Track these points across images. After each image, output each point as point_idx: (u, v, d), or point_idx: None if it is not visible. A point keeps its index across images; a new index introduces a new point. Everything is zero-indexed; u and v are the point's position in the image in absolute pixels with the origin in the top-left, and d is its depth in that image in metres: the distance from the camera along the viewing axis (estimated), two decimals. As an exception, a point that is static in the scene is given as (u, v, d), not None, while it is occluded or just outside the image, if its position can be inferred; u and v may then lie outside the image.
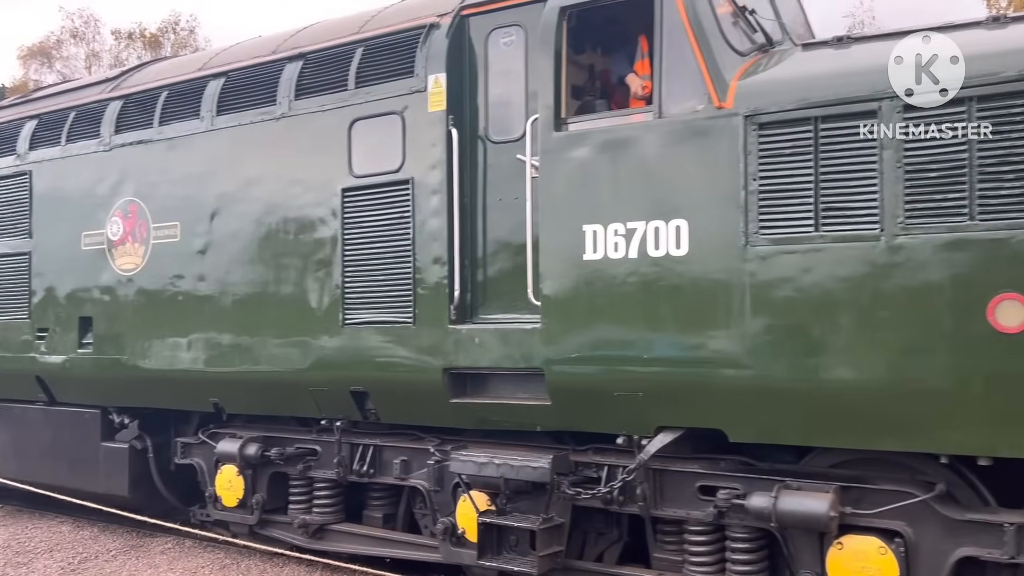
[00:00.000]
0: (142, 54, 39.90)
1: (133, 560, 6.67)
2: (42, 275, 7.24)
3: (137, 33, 41.44)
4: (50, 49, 41.17)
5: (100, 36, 42.01)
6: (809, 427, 4.22)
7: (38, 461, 7.51)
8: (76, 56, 41.39)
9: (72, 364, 6.98)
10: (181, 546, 6.99)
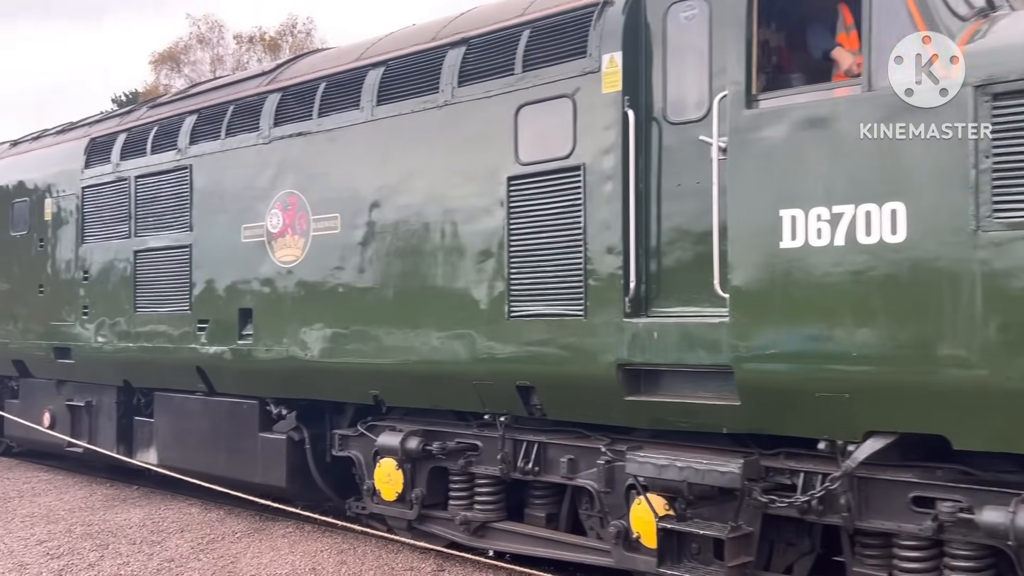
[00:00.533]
0: (262, 57, 41.27)
1: (257, 542, 6.89)
2: (202, 267, 7.39)
3: (257, 37, 43.07)
4: (178, 54, 43.15)
5: (224, 41, 43.82)
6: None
7: (197, 450, 7.69)
8: (202, 60, 43.22)
9: (232, 355, 7.09)
10: (301, 530, 7.17)
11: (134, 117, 8.65)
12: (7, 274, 9.58)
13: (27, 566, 6.37)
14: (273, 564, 6.32)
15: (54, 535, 7.24)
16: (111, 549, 6.81)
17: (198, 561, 6.44)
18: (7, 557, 6.62)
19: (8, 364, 9.68)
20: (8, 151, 10.48)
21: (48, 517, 7.90)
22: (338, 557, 6.42)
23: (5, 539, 7.17)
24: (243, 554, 6.58)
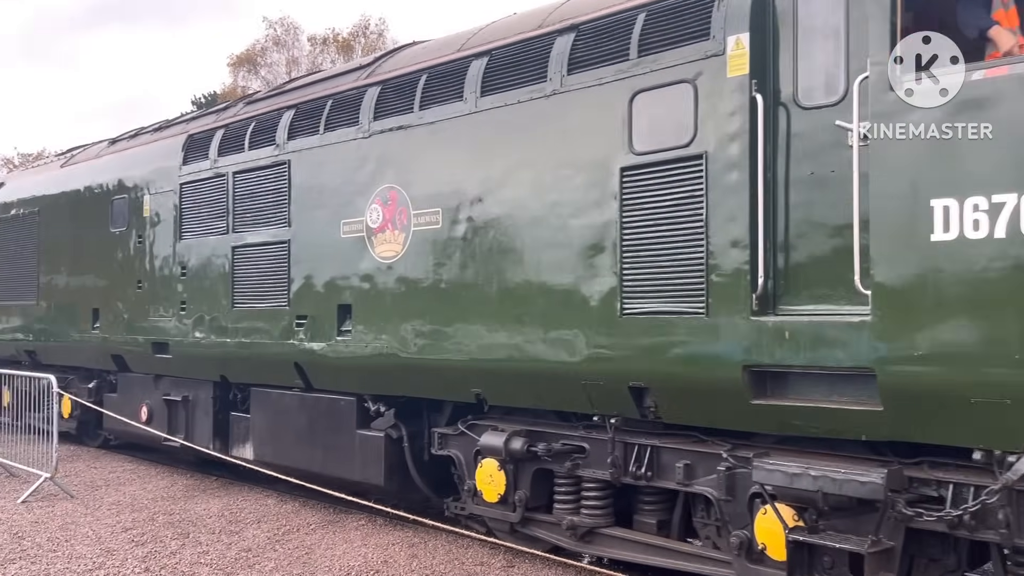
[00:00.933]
0: (335, 58, 41.85)
1: (330, 534, 6.98)
2: (301, 263, 7.35)
3: (331, 38, 43.68)
4: (255, 57, 44.04)
5: (299, 43, 44.57)
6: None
7: (294, 446, 7.67)
8: (278, 62, 44.07)
9: (330, 351, 7.03)
10: (373, 523, 7.26)
11: (231, 113, 8.70)
12: (107, 270, 9.78)
13: (114, 552, 6.57)
14: (346, 556, 6.38)
15: (138, 523, 7.46)
16: (191, 538, 6.98)
17: (274, 552, 6.55)
18: (96, 543, 6.83)
19: (107, 359, 9.87)
20: (107, 149, 10.71)
21: (133, 505, 8.14)
22: (409, 551, 6.47)
23: (93, 525, 7.38)
24: (317, 545, 6.69)
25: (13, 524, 7.42)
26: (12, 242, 11.68)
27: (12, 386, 10.96)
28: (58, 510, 7.95)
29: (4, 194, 12.14)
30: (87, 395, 10.58)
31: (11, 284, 11.61)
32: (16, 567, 6.21)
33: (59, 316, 10.61)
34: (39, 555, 6.51)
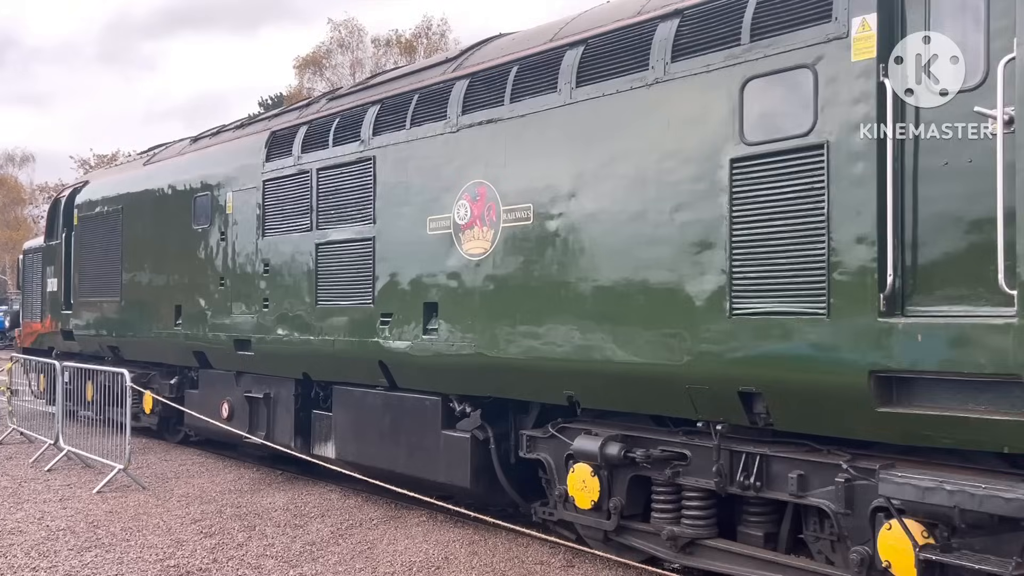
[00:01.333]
0: (398, 59, 42.15)
1: (392, 530, 7.07)
2: (386, 260, 7.24)
3: (394, 40, 44.03)
4: (320, 59, 44.65)
5: (363, 45, 45.06)
6: None
7: (377, 445, 7.57)
8: (342, 64, 44.65)
9: (416, 350, 6.90)
10: (434, 519, 7.36)
11: (314, 110, 8.65)
12: (189, 267, 9.85)
13: (184, 543, 6.71)
14: (408, 552, 6.44)
15: (207, 515, 7.61)
16: (258, 530, 7.08)
17: (337, 546, 6.62)
18: (166, 534, 6.99)
19: (189, 355, 9.95)
20: (189, 147, 10.80)
21: (201, 498, 8.31)
22: (469, 548, 6.50)
23: (164, 516, 7.56)
24: (379, 541, 6.75)
25: (89, 513, 7.64)
26: (96, 239, 11.89)
27: (95, 381, 11.21)
28: (131, 501, 8.16)
29: (88, 192, 12.37)
30: (168, 391, 10.70)
31: (95, 281, 11.82)
32: (92, 554, 6.39)
33: (142, 312, 10.75)
34: (113, 543, 6.69)
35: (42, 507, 7.87)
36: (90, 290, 11.98)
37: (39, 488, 8.70)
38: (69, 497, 8.28)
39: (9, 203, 56.38)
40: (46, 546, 6.62)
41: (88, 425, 10.46)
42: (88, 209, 12.21)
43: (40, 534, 6.96)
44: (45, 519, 7.43)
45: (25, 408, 12.21)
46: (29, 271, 14.47)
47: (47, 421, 11.21)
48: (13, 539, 6.81)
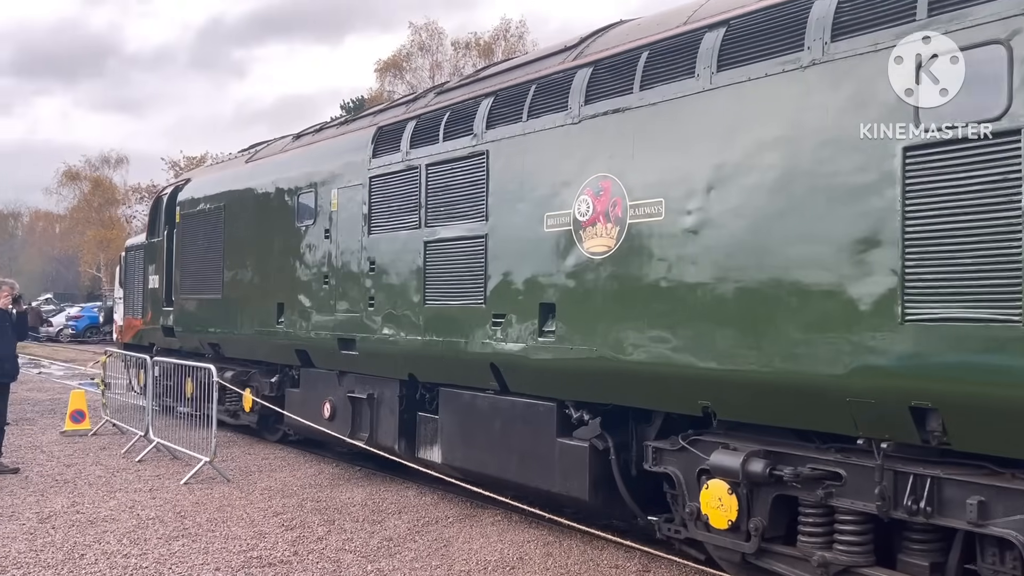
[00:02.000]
0: (476, 61, 42.16)
1: (467, 528, 7.15)
2: (499, 259, 6.93)
3: (472, 42, 44.02)
4: (401, 62, 45.01)
5: (442, 47, 45.24)
6: None
7: (486, 451, 7.26)
8: (422, 67, 44.93)
9: (530, 352, 6.56)
10: (508, 519, 7.41)
11: (422, 104, 8.42)
12: (292, 265, 9.75)
13: (266, 535, 6.87)
14: (483, 551, 6.49)
15: (288, 508, 7.79)
16: (337, 525, 7.20)
17: (414, 542, 6.72)
18: (249, 525, 7.16)
19: (291, 353, 9.85)
20: (291, 144, 10.74)
21: (283, 491, 8.49)
22: (544, 549, 6.54)
23: (247, 509, 7.75)
24: (455, 539, 6.82)
25: (177, 503, 7.89)
26: (198, 237, 11.96)
27: (195, 378, 11.28)
28: (216, 492, 8.36)
29: (190, 190, 12.47)
30: (268, 389, 10.65)
31: (196, 278, 11.89)
32: (179, 543, 6.59)
33: (243, 310, 10.73)
34: (199, 534, 6.88)
35: (133, 496, 8.14)
36: (191, 287, 12.06)
37: (130, 478, 8.99)
38: (158, 487, 8.53)
39: (104, 203, 58.52)
40: (137, 534, 6.83)
41: (177, 419, 10.90)
42: (190, 207, 12.31)
43: (131, 522, 7.18)
44: (136, 508, 7.68)
45: (118, 401, 12.58)
46: (131, 268, 14.73)
47: (138, 414, 11.54)
48: (107, 526, 7.05)
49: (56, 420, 12.88)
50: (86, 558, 6.21)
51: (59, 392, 16.53)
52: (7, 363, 9.33)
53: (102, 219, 57.36)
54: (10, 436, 10.02)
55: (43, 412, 14.00)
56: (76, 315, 40.22)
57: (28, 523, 7.12)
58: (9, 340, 9.38)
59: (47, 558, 6.19)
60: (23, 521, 7.18)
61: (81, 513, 7.46)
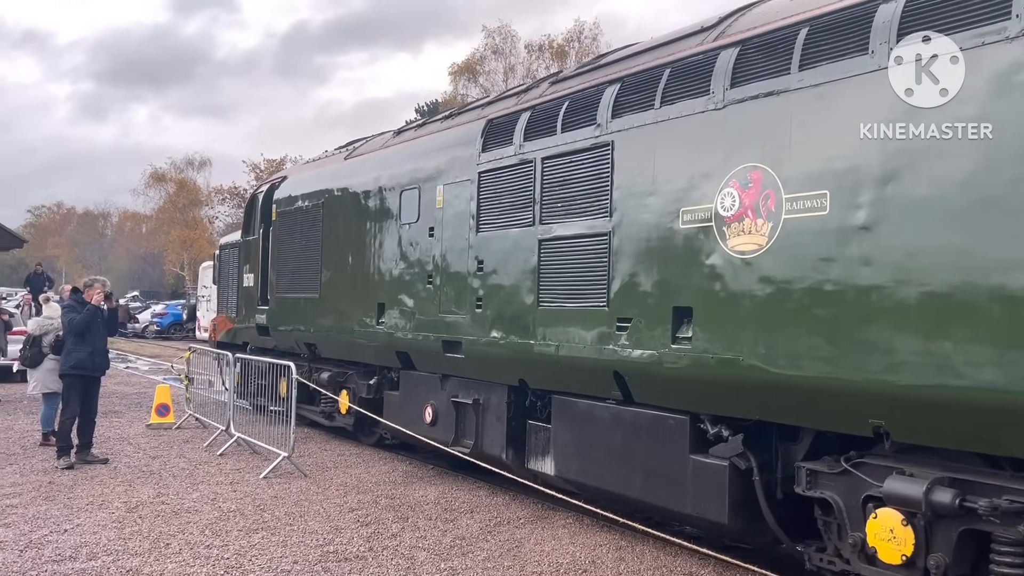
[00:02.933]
0: (550, 64, 41.73)
1: (539, 530, 7.10)
2: (624, 258, 6.41)
3: (546, 45, 43.57)
4: (474, 65, 44.91)
5: (515, 50, 44.99)
6: None
7: (605, 466, 6.75)
8: (495, 70, 44.79)
9: (662, 360, 6.02)
10: (580, 522, 7.33)
11: (535, 95, 7.97)
12: (394, 264, 9.42)
13: (342, 530, 6.93)
14: (555, 553, 6.45)
15: (363, 504, 7.84)
16: (410, 522, 7.25)
17: (486, 542, 6.70)
18: (326, 520, 7.24)
19: (391, 355, 9.51)
20: (392, 141, 10.43)
21: (358, 487, 8.55)
22: (616, 553, 6.44)
23: (323, 504, 7.82)
24: (526, 540, 6.80)
25: (256, 497, 8.00)
26: (295, 235, 11.76)
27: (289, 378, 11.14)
28: (293, 487, 8.47)
29: (287, 188, 12.30)
30: (366, 391, 10.35)
31: (293, 277, 11.69)
32: (259, 536, 6.70)
33: (341, 310, 10.45)
34: (278, 527, 6.98)
35: (215, 489, 8.30)
36: (288, 286, 11.87)
37: (212, 471, 9.14)
38: (238, 481, 8.67)
39: (188, 204, 60.08)
40: (218, 525, 6.97)
41: (258, 415, 11.11)
42: (287, 205, 12.13)
43: (213, 514, 7.33)
44: (218, 500, 7.84)
45: (201, 396, 12.83)
46: (225, 266, 14.69)
47: (220, 409, 11.68)
48: (190, 517, 7.22)
49: (142, 413, 13.18)
50: (171, 547, 6.37)
51: (145, 386, 16.98)
52: (99, 357, 9.55)
53: (186, 219, 58.92)
54: (99, 428, 10.35)
55: (130, 405, 14.34)
56: (161, 312, 41.25)
57: (117, 512, 7.34)
58: (101, 335, 9.60)
59: (135, 546, 6.38)
60: (112, 510, 7.41)
61: (166, 504, 7.65)
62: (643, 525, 6.59)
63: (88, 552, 6.19)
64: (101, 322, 9.53)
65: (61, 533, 6.66)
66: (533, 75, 39.87)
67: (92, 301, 9.48)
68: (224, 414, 11.04)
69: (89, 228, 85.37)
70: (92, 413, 9.63)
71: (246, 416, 11.07)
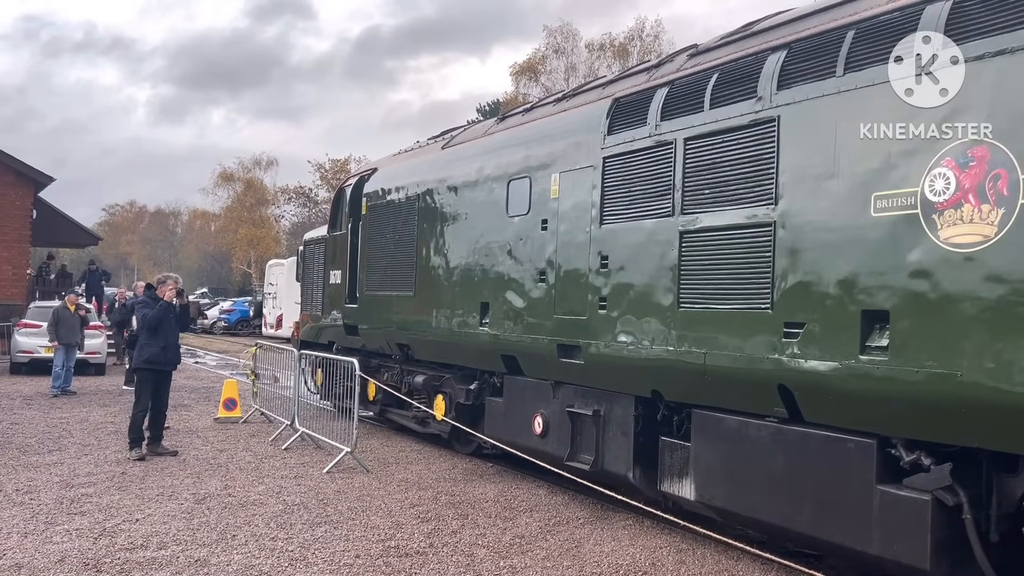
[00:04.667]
0: (611, 63, 40.84)
1: (599, 531, 7.01)
2: (794, 252, 5.51)
3: (607, 44, 42.64)
4: (536, 65, 44.26)
5: (577, 49, 44.23)
6: None
7: (763, 493, 5.84)
8: (557, 69, 44.15)
9: (847, 373, 5.10)
10: (640, 524, 7.23)
11: (670, 69, 7.09)
12: (501, 260, 8.64)
13: (403, 526, 6.94)
14: (614, 554, 6.37)
15: (423, 500, 7.83)
16: (470, 519, 7.21)
17: (545, 541, 6.64)
18: (387, 516, 7.23)
19: (496, 359, 8.73)
20: (495, 128, 9.66)
21: (419, 484, 8.56)
22: (677, 556, 6.35)
23: (385, 499, 7.81)
24: (586, 540, 6.73)
25: (320, 491, 8.00)
26: (387, 229, 11.09)
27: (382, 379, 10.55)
28: (356, 482, 8.47)
29: (379, 180, 11.64)
30: (465, 396, 9.60)
31: (385, 273, 11.01)
32: (322, 530, 6.73)
33: (439, 309, 9.72)
34: (340, 521, 6.99)
35: (280, 482, 8.32)
36: (379, 283, 11.19)
37: (277, 465, 9.16)
38: (302, 475, 8.69)
39: (255, 203, 60.69)
40: (283, 519, 7.00)
41: (320, 411, 11.14)
42: (378, 198, 11.45)
43: (278, 507, 7.36)
44: (282, 494, 7.86)
45: (267, 391, 12.91)
46: (309, 263, 14.11)
47: (285, 404, 11.67)
48: (256, 510, 7.27)
49: (210, 407, 13.26)
50: (237, 539, 6.42)
51: (213, 381, 17.13)
52: (171, 352, 9.73)
53: (252, 218, 59.59)
54: (169, 421, 10.54)
55: (198, 399, 14.47)
56: (228, 309, 41.78)
57: (186, 503, 7.42)
58: (173, 330, 9.75)
59: (203, 537, 6.44)
60: (181, 501, 7.49)
61: (233, 496, 7.70)
62: (705, 529, 6.43)
63: (158, 542, 6.28)
64: (173, 318, 9.68)
65: (133, 522, 6.77)
66: (594, 73, 39.13)
67: (164, 297, 9.64)
68: (289, 409, 11.06)
69: (160, 226, 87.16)
70: (163, 406, 9.78)
71: (310, 411, 11.08)
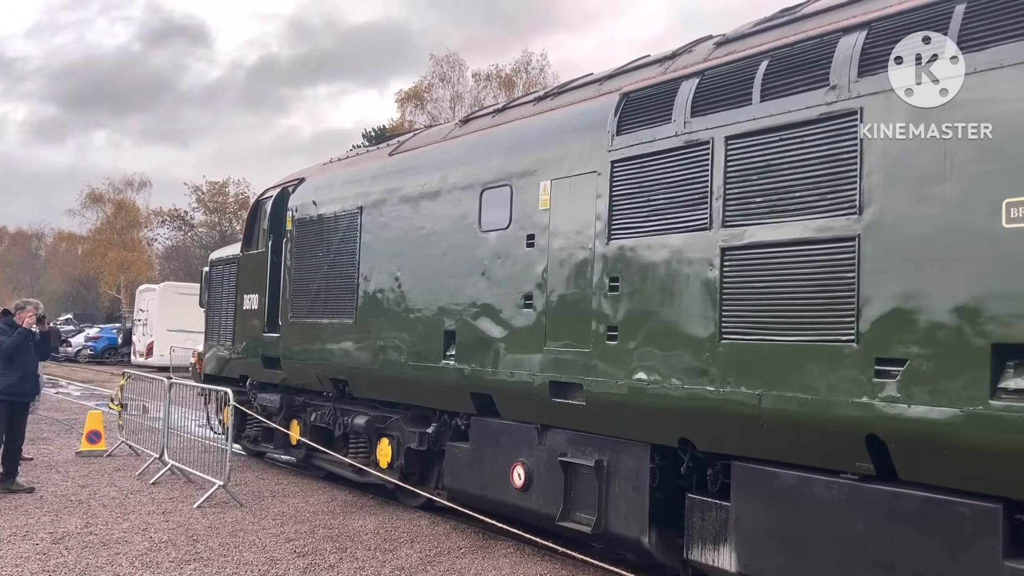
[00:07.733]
0: (497, 94, 40.98)
1: (480, 560, 6.91)
2: (886, 272, 4.52)
3: (494, 74, 42.76)
4: (422, 92, 43.83)
5: (463, 79, 44.14)
6: None
7: (838, 568, 4.77)
8: (443, 98, 43.88)
9: (971, 423, 4.10)
10: (521, 552, 7.16)
11: (693, 59, 6.06)
12: (471, 282, 7.36)
13: (277, 561, 6.67)
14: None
15: (300, 534, 7.57)
16: (349, 553, 7.00)
17: (426, 572, 6.50)
18: (261, 551, 6.95)
19: (463, 397, 7.41)
20: (458, 131, 8.41)
21: (296, 517, 8.25)
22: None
23: (259, 534, 7.52)
24: (467, 569, 6.62)
25: (189, 527, 7.67)
26: (319, 248, 9.58)
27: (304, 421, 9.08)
28: (228, 517, 8.14)
29: (308, 192, 10.11)
30: (418, 441, 8.21)
31: (317, 298, 9.49)
32: (191, 568, 6.42)
33: (388, 339, 8.31)
34: (211, 558, 6.69)
35: (146, 519, 7.96)
36: (308, 309, 9.64)
37: (144, 500, 8.77)
38: (171, 511, 8.33)
39: (126, 226, 57.68)
40: (149, 557, 6.67)
41: (191, 443, 10.47)
42: (307, 212, 9.92)
43: (144, 545, 7.02)
44: (149, 531, 7.51)
45: (134, 422, 12.26)
46: (216, 286, 12.31)
47: (154, 436, 11.13)
48: (119, 548, 6.90)
49: (72, 440, 12.62)
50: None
51: (76, 412, 16.21)
52: (28, 382, 9.17)
53: (123, 241, 56.52)
54: (28, 453, 10.02)
55: (60, 432, 13.71)
56: (95, 336, 38.84)
57: (41, 543, 7.00)
58: (32, 359, 9.22)
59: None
60: (36, 541, 7.07)
61: (94, 535, 7.32)
62: (585, 555, 6.34)
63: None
64: (32, 346, 9.16)
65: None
66: (480, 103, 39.03)
67: (23, 324, 9.08)
68: (158, 441, 10.49)
69: (22, 248, 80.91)
70: (20, 440, 9.22)
71: (181, 443, 10.54)
